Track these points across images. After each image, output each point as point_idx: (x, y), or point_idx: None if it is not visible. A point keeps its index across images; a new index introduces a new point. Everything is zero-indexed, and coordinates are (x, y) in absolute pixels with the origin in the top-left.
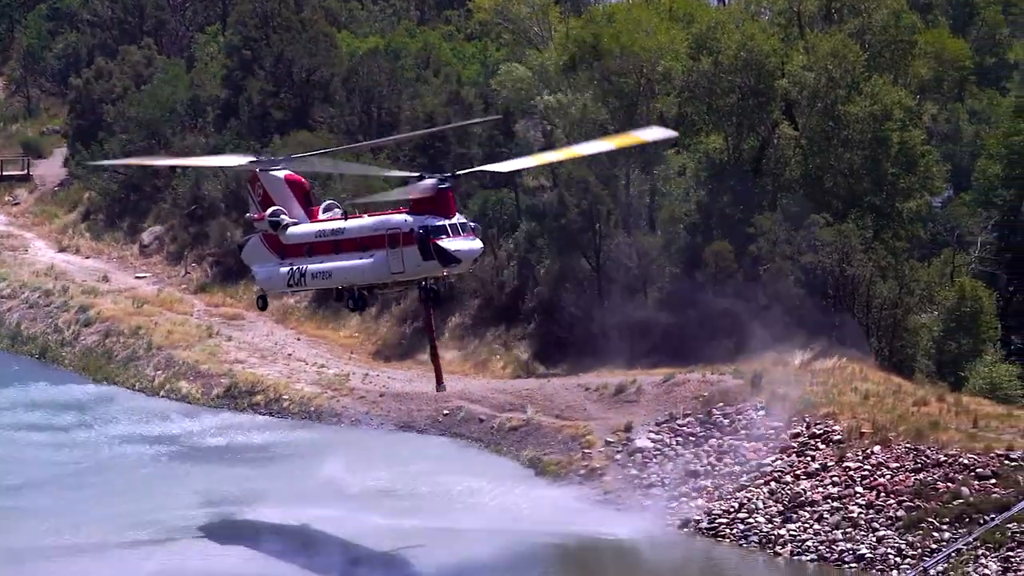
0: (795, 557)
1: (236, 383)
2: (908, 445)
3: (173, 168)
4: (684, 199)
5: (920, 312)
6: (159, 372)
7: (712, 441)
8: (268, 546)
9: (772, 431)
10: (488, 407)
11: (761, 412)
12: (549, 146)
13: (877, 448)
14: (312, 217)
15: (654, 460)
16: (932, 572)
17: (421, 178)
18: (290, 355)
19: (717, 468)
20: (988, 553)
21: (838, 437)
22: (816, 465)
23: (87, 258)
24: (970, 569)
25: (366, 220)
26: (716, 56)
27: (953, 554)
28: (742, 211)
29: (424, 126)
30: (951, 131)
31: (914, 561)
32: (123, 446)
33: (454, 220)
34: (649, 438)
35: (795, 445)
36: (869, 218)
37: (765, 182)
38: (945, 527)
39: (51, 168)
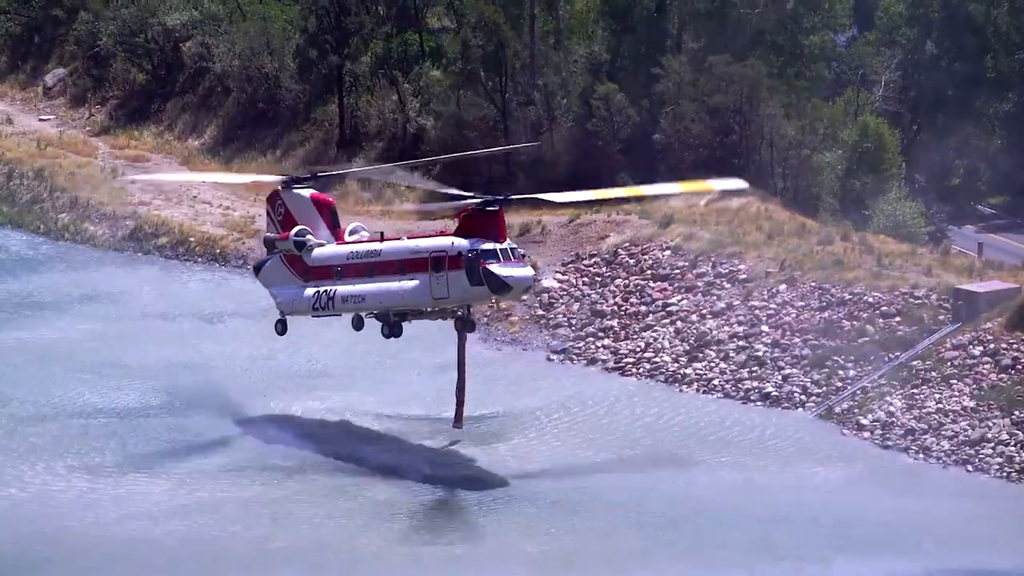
0: (702, 395)
1: (141, 225)
2: (813, 284)
3: (72, 13)
4: (587, 38)
5: (824, 150)
6: (63, 215)
7: (618, 281)
8: None
9: (678, 270)
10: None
11: (667, 252)
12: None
13: (783, 287)
14: (339, 239)
15: (560, 300)
16: (838, 409)
17: (478, 200)
18: (195, 197)
19: (623, 308)
20: (893, 390)
21: (744, 276)
22: (722, 304)
23: None
24: (876, 406)
25: (405, 242)
26: None
27: (859, 392)
28: (646, 50)
29: None
30: None
31: (820, 399)
32: None
33: (505, 245)
34: (555, 279)
35: (701, 285)
36: (773, 56)
37: (667, 21)
38: (851, 365)
39: None
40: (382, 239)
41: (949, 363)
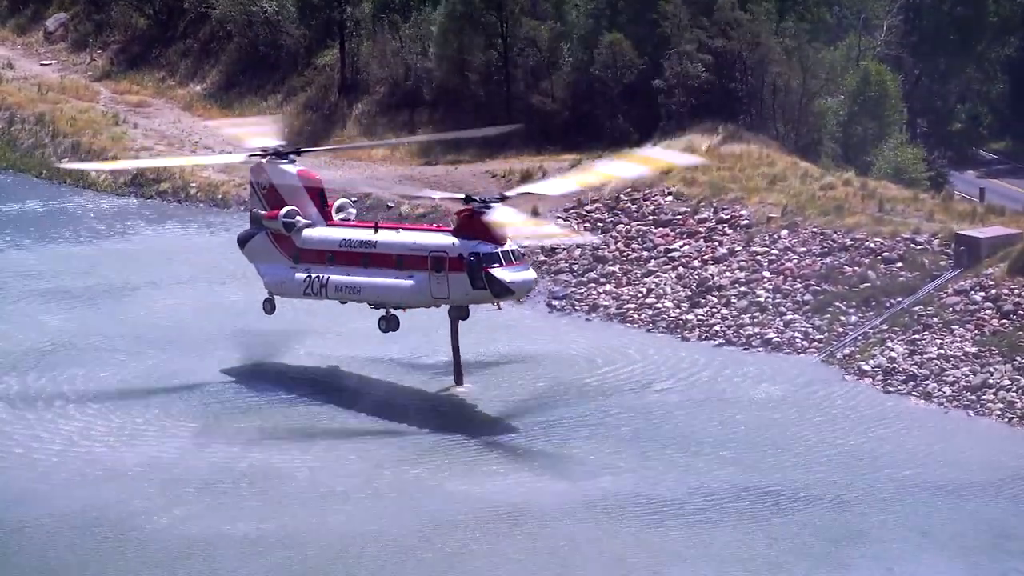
0: (703, 341)
1: (143, 171)
2: (815, 229)
3: None
4: None
5: (826, 96)
6: (65, 160)
7: (620, 227)
8: None
9: (679, 216)
10: (395, 193)
11: (669, 197)
12: None
13: (784, 233)
14: (327, 218)
15: (562, 246)
16: (839, 355)
17: (468, 201)
18: (197, 142)
19: (625, 254)
20: (895, 336)
21: (745, 222)
22: (723, 250)
23: None
24: (877, 352)
25: (403, 236)
26: None
27: (860, 337)
28: None
29: None
30: None
31: (821, 345)
32: None
33: (507, 247)
34: (557, 224)
35: (702, 230)
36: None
37: None
38: (852, 311)
39: None
40: (376, 229)
41: (951, 309)
